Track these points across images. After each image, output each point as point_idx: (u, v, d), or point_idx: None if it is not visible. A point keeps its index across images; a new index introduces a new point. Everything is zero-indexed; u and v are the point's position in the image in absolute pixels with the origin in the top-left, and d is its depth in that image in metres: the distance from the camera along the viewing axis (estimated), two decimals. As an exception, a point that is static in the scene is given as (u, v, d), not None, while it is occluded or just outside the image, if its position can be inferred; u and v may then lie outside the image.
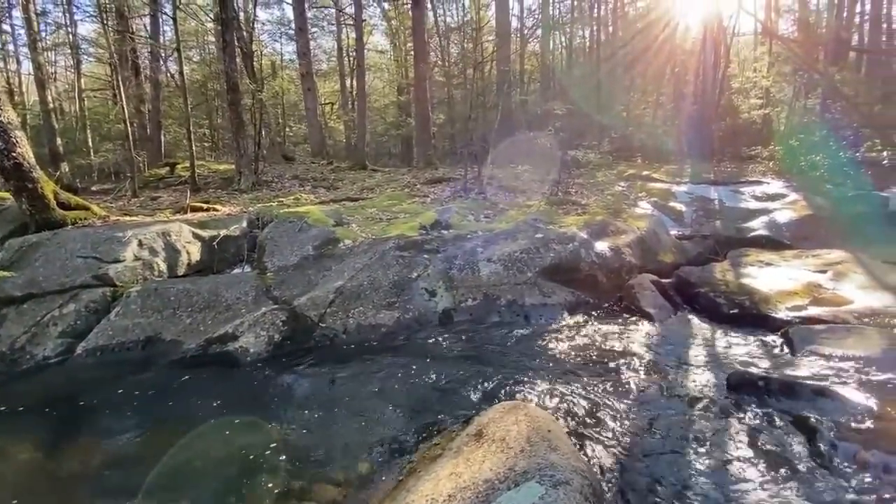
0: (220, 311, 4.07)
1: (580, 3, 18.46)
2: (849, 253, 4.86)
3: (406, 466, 2.06)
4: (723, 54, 14.32)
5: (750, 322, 3.85)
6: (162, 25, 14.54)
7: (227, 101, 9.17)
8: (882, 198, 7.78)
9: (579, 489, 1.44)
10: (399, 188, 9.00)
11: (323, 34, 21.06)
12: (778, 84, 15.62)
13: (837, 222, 6.41)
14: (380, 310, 4.16)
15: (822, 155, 10.26)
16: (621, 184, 9.30)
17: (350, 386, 3.12)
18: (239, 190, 8.55)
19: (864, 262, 4.63)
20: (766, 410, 2.48)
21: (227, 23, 8.51)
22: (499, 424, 1.96)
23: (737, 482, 2.01)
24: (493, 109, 11.37)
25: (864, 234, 5.99)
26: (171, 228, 4.99)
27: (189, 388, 3.21)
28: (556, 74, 18.55)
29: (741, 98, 15.55)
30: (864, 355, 2.98)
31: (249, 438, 2.54)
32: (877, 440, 2.06)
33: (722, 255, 5.60)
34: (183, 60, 10.06)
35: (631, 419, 2.55)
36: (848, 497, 1.86)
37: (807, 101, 14.96)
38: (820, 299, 3.93)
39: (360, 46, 13.72)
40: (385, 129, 20.56)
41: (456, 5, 21.42)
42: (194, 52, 18.80)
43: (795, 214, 6.89)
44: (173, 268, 4.76)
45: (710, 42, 13.76)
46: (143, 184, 9.42)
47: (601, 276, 4.92)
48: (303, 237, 5.13)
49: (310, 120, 14.74)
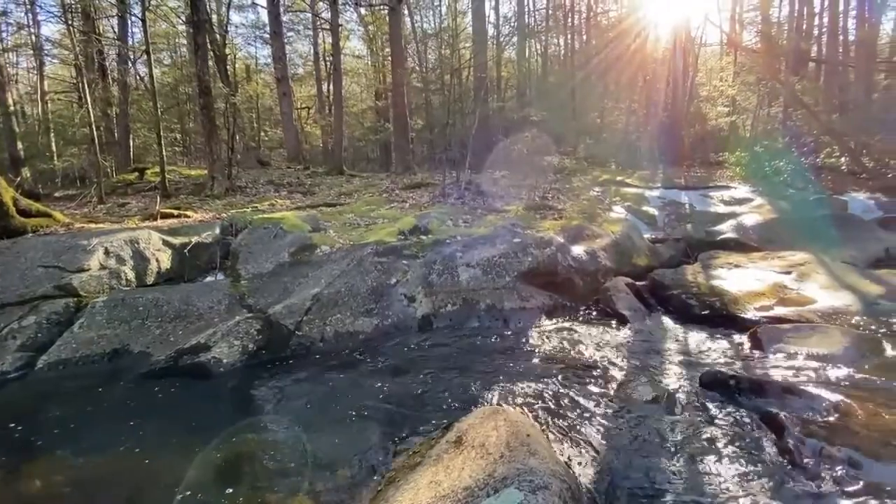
0: (192, 321, 3.95)
1: (555, 12, 18.82)
2: (811, 254, 5.07)
3: (385, 476, 2.02)
4: (691, 64, 14.85)
5: (720, 322, 3.97)
6: (131, 27, 14.14)
7: (200, 105, 8.96)
8: (841, 201, 8.17)
9: (558, 493, 1.45)
10: (377, 193, 8.94)
11: (299, 38, 20.87)
12: (743, 93, 16.26)
13: (800, 225, 6.69)
14: (358, 317, 4.11)
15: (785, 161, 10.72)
16: (596, 189, 9.48)
17: (328, 395, 3.07)
18: (212, 196, 8.34)
19: (826, 263, 4.84)
20: (737, 408, 2.55)
21: (198, 25, 8.33)
22: (478, 430, 1.95)
23: (710, 479, 2.05)
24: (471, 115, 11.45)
25: (825, 236, 6.27)
26: (139, 236, 4.82)
27: (158, 402, 3.09)
28: (532, 82, 18.85)
29: (709, 106, 16.13)
30: (827, 353, 3.10)
31: (222, 452, 2.46)
32: (841, 435, 2.14)
33: (693, 258, 5.76)
34: (153, 63, 9.76)
35: (608, 420, 2.59)
36: (814, 490, 1.92)
37: (770, 110, 15.61)
38: (785, 299, 4.08)
39: (337, 51, 13.63)
40: (363, 133, 20.45)
41: (433, 12, 21.56)
42: (165, 55, 18.33)
43: (761, 218, 7.16)
44: (142, 277, 4.60)
45: (680, 52, 14.24)
46: (110, 190, 9.09)
47: (578, 280, 5.00)
48: (278, 243, 5.04)
49: (285, 124, 14.54)
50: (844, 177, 10.56)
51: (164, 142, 9.04)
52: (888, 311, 3.74)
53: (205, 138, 8.98)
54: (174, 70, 17.39)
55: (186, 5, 10.94)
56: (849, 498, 1.86)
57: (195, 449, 2.51)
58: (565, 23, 18.16)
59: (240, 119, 12.07)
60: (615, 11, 18.58)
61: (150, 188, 9.09)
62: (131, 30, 14.37)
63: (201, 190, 8.83)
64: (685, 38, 14.52)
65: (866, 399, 2.44)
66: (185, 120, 17.35)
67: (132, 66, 14.68)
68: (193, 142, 17.74)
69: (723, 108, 15.99)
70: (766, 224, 6.91)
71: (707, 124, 15.58)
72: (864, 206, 8.03)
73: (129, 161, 12.03)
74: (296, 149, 14.45)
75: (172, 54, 18.47)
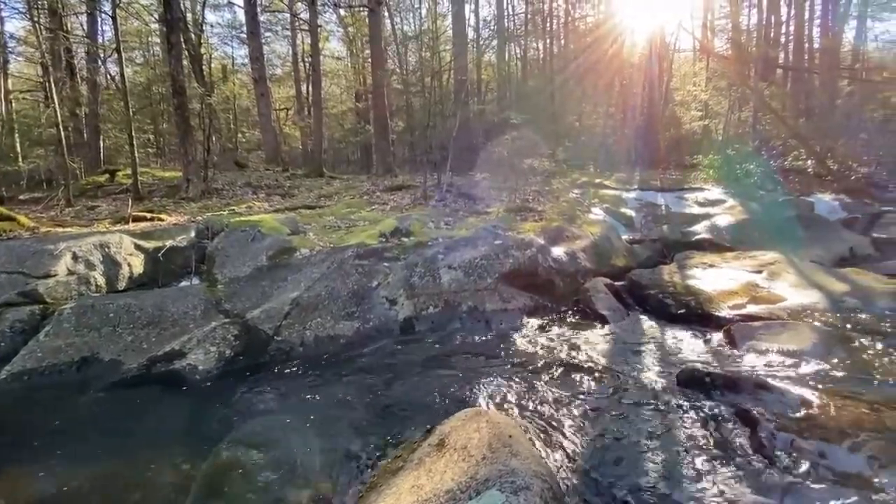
0: (166, 327, 3.83)
1: (533, 16, 19.06)
2: (781, 254, 5.25)
3: (367, 481, 2.00)
4: (666, 69, 15.22)
5: (696, 321, 4.07)
6: (101, 25, 13.69)
7: (174, 105, 8.73)
8: (807, 203, 8.49)
9: (539, 493, 1.45)
10: (358, 195, 8.88)
11: (277, 39, 20.59)
12: (715, 98, 16.78)
13: (770, 226, 6.92)
14: (339, 320, 4.06)
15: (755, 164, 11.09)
16: (575, 191, 9.61)
17: (308, 401, 3.02)
18: (187, 198, 8.13)
19: (794, 262, 5.01)
20: (713, 405, 2.61)
21: (172, 24, 8.13)
22: (460, 433, 1.94)
23: (687, 475, 2.10)
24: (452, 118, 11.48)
25: (793, 236, 6.50)
26: (110, 240, 4.66)
27: (130, 412, 2.99)
28: (512, 85, 19.02)
29: (683, 110, 16.58)
30: (796, 349, 3.21)
31: (198, 463, 2.39)
32: (811, 428, 2.22)
33: (669, 258, 5.89)
34: (124, 62, 9.47)
35: (589, 419, 2.61)
36: (786, 483, 1.98)
37: (741, 114, 16.14)
38: (757, 298, 4.21)
39: (316, 52, 13.49)
40: (343, 135, 20.28)
41: (413, 14, 21.57)
42: (137, 54, 17.83)
43: (733, 219, 7.38)
44: (113, 282, 4.44)
45: (655, 57, 14.59)
46: (78, 192, 8.76)
47: (558, 281, 5.05)
48: (256, 247, 4.94)
49: (263, 126, 14.31)
50: (811, 179, 10.99)
51: (136, 143, 8.77)
52: (852, 307, 3.89)
53: (179, 139, 8.75)
54: (147, 69, 16.93)
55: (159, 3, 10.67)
56: (819, 488, 1.92)
57: (169, 460, 2.44)
58: (544, 27, 18.41)
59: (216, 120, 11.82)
60: (592, 17, 18.94)
61: (122, 191, 8.80)
62: (101, 27, 13.92)
63: (176, 192, 8.60)
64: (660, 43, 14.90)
65: (833, 393, 2.54)
66: (158, 120, 16.90)
67: (102, 64, 14.22)
68: (168, 143, 17.30)
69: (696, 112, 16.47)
70: (738, 225, 7.13)
71: (681, 128, 16.01)
72: (829, 208, 8.37)
73: (99, 163, 11.64)
74: (274, 150, 14.23)
75: (145, 53, 17.99)
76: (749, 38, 17.72)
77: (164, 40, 9.22)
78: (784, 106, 13.66)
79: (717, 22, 18.87)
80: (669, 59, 16.67)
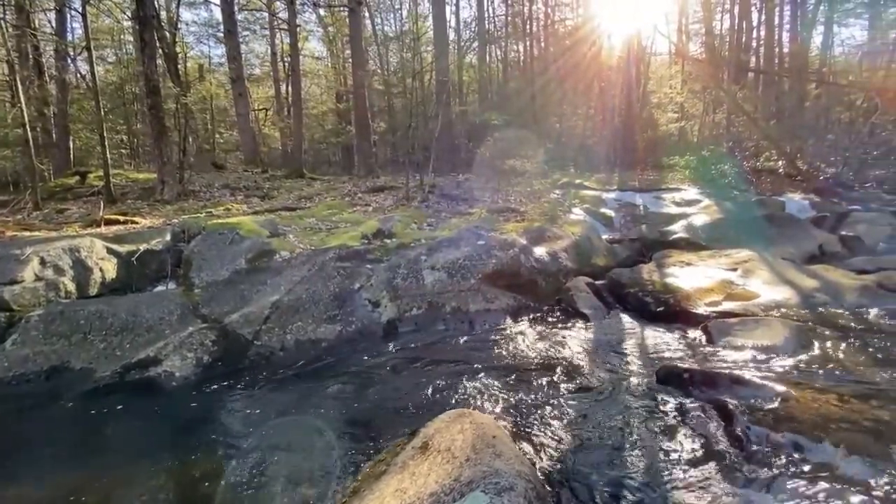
0: (140, 334, 3.72)
1: (514, 18, 19.22)
2: (754, 252, 5.40)
3: (350, 486, 1.97)
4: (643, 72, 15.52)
5: (674, 318, 4.14)
6: (71, 22, 13.26)
7: (148, 105, 8.50)
8: (779, 202, 8.76)
9: (523, 493, 1.46)
10: (339, 197, 8.79)
11: (255, 38, 20.27)
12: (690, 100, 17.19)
13: (744, 225, 7.11)
14: (320, 324, 4.00)
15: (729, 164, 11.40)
16: (556, 192, 9.72)
17: (289, 406, 2.97)
18: (162, 200, 7.92)
19: (767, 260, 5.16)
20: (691, 400, 2.67)
21: (145, 21, 7.91)
22: (444, 434, 1.94)
23: (667, 470, 2.13)
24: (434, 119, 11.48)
25: (766, 234, 6.70)
26: (80, 244, 4.50)
27: (103, 421, 2.89)
28: (494, 86, 19.14)
29: (660, 112, 16.95)
30: (770, 344, 3.31)
31: (175, 472, 2.33)
32: (784, 421, 2.28)
33: (648, 257, 6.00)
34: (94, 60, 9.16)
35: (572, 417, 2.64)
36: (761, 475, 2.03)
37: (715, 116, 16.57)
38: (732, 295, 4.32)
39: (295, 52, 13.32)
40: (324, 136, 20.07)
41: (394, 15, 21.51)
42: (109, 52, 17.31)
43: (709, 218, 7.56)
44: (84, 287, 4.29)
45: (633, 60, 14.87)
46: (47, 195, 8.45)
47: (540, 281, 5.09)
48: (234, 250, 4.84)
49: (242, 126, 14.04)
50: (782, 179, 11.35)
51: (108, 143, 8.49)
52: (822, 303, 4.03)
53: (153, 140, 8.52)
54: (120, 68, 16.45)
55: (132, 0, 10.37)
56: (793, 480, 1.98)
57: (144, 470, 2.36)
58: (524, 29, 18.57)
59: (192, 120, 11.55)
60: (572, 20, 19.20)
61: (93, 193, 8.51)
62: (71, 24, 13.48)
63: (150, 194, 8.37)
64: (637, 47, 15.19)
65: (805, 386, 2.62)
66: (132, 121, 16.42)
67: (72, 62, 13.74)
68: (142, 144, 16.83)
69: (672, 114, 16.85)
70: (714, 224, 7.30)
71: (658, 129, 16.37)
72: (799, 207, 8.65)
73: (69, 164, 11.24)
74: (253, 151, 13.98)
75: (118, 51, 17.47)
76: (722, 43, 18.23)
77: (137, 38, 8.98)
78: (756, 108, 14.09)
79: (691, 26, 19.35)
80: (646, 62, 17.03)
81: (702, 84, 16.04)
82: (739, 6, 16.85)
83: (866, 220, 7.47)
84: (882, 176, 10.65)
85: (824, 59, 16.38)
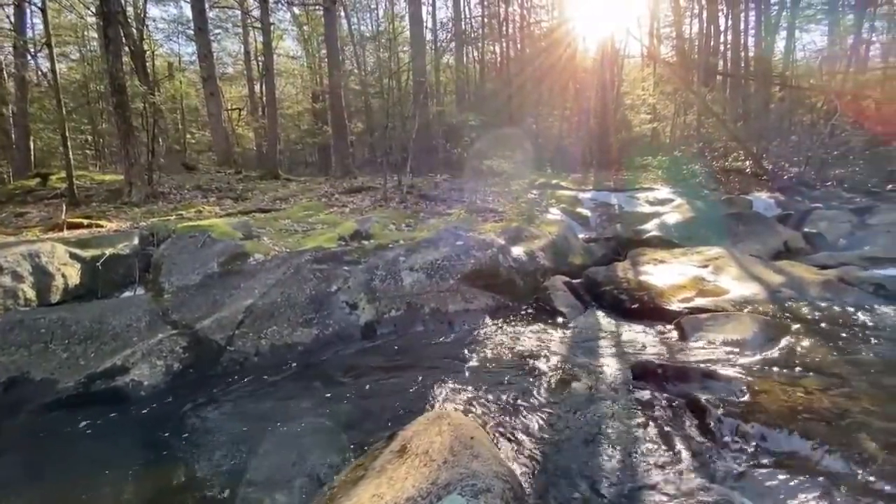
0: (106, 342, 3.57)
1: (490, 20, 19.33)
2: (724, 249, 5.56)
3: (326, 494, 1.93)
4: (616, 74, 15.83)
5: (648, 314, 4.23)
6: (30, 17, 12.67)
7: (113, 104, 8.19)
8: (746, 200, 9.07)
9: (500, 494, 1.45)
10: (316, 198, 8.66)
11: (227, 36, 19.83)
12: (662, 102, 17.63)
13: (714, 223, 7.33)
14: (296, 327, 3.92)
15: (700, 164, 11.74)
16: (533, 192, 9.82)
17: (265, 413, 2.89)
18: (129, 203, 7.64)
19: (736, 256, 5.33)
20: (665, 395, 2.72)
21: (109, 17, 7.61)
22: (422, 437, 1.92)
23: (643, 464, 2.17)
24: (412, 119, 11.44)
25: (735, 232, 6.92)
26: (40, 249, 4.29)
27: (67, 434, 2.76)
28: (471, 87, 19.21)
29: (633, 113, 17.33)
30: (740, 338, 3.41)
31: (146, 485, 2.24)
32: (753, 413, 2.35)
33: (623, 256, 6.11)
34: (56, 57, 8.77)
35: (550, 415, 2.66)
36: (732, 465, 2.09)
37: (686, 117, 17.05)
38: (704, 291, 4.43)
39: (269, 51, 13.07)
40: (300, 136, 19.77)
41: (370, 15, 21.36)
42: (73, 49, 16.63)
43: (681, 217, 7.76)
44: (45, 294, 4.09)
45: (607, 62, 15.16)
46: (5, 198, 8.05)
47: (519, 280, 5.12)
48: (206, 253, 4.70)
49: (214, 126, 13.70)
50: (749, 179, 11.76)
51: (71, 144, 8.14)
52: (788, 297, 4.18)
53: (120, 140, 8.20)
54: (83, 65, 15.83)
55: (95, -5, 9.97)
56: (762, 469, 2.04)
57: (111, 483, 2.27)
58: (500, 31, 18.70)
59: (162, 120, 11.20)
60: (547, 22, 19.44)
61: (55, 196, 8.15)
62: (31, 20, 12.88)
63: (117, 197, 8.06)
64: (611, 49, 15.49)
65: (773, 379, 2.71)
66: (97, 120, 15.83)
67: (32, 60, 13.14)
68: (108, 144, 16.24)
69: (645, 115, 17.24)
70: (685, 222, 7.50)
71: (632, 131, 16.74)
72: (765, 205, 8.97)
73: (29, 165, 10.75)
74: (226, 152, 13.66)
75: (81, 48, 16.79)
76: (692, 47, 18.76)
77: (102, 35, 8.63)
78: (724, 110, 14.56)
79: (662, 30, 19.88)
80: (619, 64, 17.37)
81: (673, 86, 16.48)
82: (707, 11, 17.39)
83: (827, 217, 7.80)
84: (841, 175, 11.15)
85: (787, 63, 17.05)
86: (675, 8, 18.29)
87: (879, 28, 16.22)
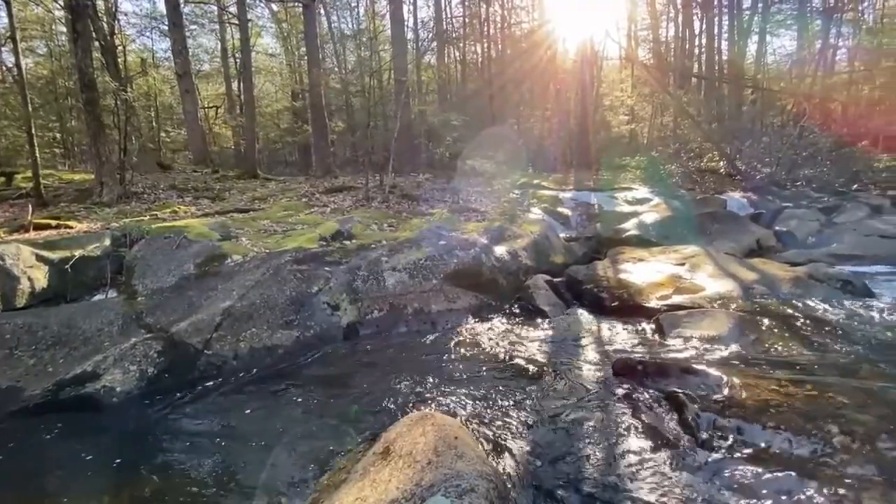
0: (76, 347, 3.44)
1: (471, 20, 19.38)
2: (700, 247, 5.70)
3: (309, 498, 1.90)
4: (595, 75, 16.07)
5: (628, 312, 4.30)
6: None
7: (83, 101, 7.90)
8: (721, 200, 9.32)
9: (485, 494, 1.45)
10: (296, 198, 8.53)
11: (203, 32, 19.32)
12: (640, 103, 17.98)
13: (690, 222, 7.51)
14: (276, 330, 3.85)
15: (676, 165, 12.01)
16: (515, 191, 9.88)
17: (244, 419, 2.83)
18: (100, 203, 7.38)
19: (712, 254, 5.46)
20: (645, 391, 2.76)
21: (77, 10, 7.35)
22: (406, 438, 1.90)
23: (624, 459, 2.20)
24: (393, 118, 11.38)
25: (710, 230, 7.10)
26: (5, 251, 4.11)
27: (33, 444, 2.65)
28: (453, 87, 19.23)
29: (612, 114, 17.63)
30: (716, 334, 3.49)
31: (116, 494, 2.16)
32: (730, 407, 2.40)
33: (603, 254, 6.21)
34: (21, 52, 8.41)
35: (532, 413, 2.67)
36: (710, 459, 2.13)
37: (663, 119, 17.42)
38: (681, 288, 4.53)
39: (246, 48, 12.80)
40: (279, 135, 19.46)
41: (350, 13, 21.16)
42: (40, 43, 15.99)
43: (659, 216, 7.92)
44: (10, 298, 3.92)
45: (586, 64, 15.36)
46: (-34, 198, 7.68)
47: (501, 279, 5.14)
48: (182, 254, 4.58)
49: (189, 124, 13.37)
50: (723, 179, 12.09)
51: (38, 142, 7.83)
52: (761, 293, 4.30)
53: (90, 138, 7.92)
54: (51, 61, 15.25)
55: (63, -13, 9.62)
56: (738, 462, 2.08)
57: (84, 494, 2.18)
58: (481, 31, 18.77)
59: (134, 117, 10.86)
60: (528, 23, 19.60)
61: (21, 195, 7.82)
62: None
63: (87, 197, 7.78)
64: (590, 51, 15.70)
65: (747, 373, 2.78)
66: (66, 117, 15.27)
67: (-6, 54, 12.60)
68: (77, 143, 15.68)
69: (623, 116, 17.56)
70: (663, 221, 7.66)
71: (611, 131, 17.02)
72: (739, 204, 9.24)
73: (-8, 164, 10.30)
74: (202, 151, 13.34)
75: (49, 42, 16.17)
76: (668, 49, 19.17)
77: (70, 29, 8.32)
78: (699, 112, 14.93)
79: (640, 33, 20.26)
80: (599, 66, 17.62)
81: (650, 88, 16.82)
82: (682, 15, 17.81)
83: (797, 216, 8.08)
84: (810, 175, 11.56)
85: (759, 67, 17.59)
86: (651, 12, 18.67)
87: (845, 34, 16.89)
